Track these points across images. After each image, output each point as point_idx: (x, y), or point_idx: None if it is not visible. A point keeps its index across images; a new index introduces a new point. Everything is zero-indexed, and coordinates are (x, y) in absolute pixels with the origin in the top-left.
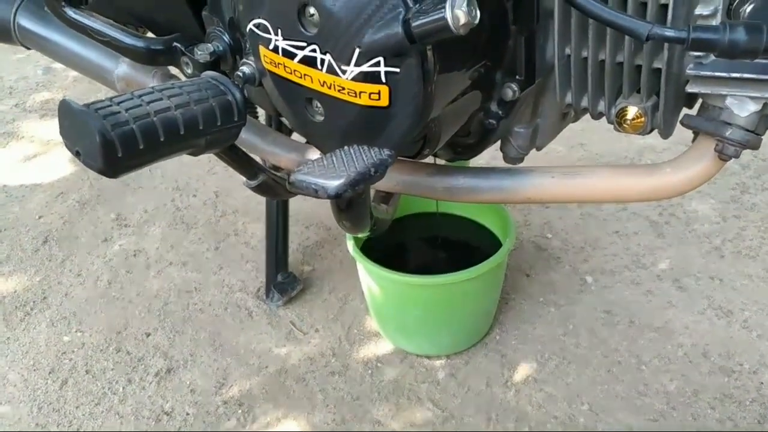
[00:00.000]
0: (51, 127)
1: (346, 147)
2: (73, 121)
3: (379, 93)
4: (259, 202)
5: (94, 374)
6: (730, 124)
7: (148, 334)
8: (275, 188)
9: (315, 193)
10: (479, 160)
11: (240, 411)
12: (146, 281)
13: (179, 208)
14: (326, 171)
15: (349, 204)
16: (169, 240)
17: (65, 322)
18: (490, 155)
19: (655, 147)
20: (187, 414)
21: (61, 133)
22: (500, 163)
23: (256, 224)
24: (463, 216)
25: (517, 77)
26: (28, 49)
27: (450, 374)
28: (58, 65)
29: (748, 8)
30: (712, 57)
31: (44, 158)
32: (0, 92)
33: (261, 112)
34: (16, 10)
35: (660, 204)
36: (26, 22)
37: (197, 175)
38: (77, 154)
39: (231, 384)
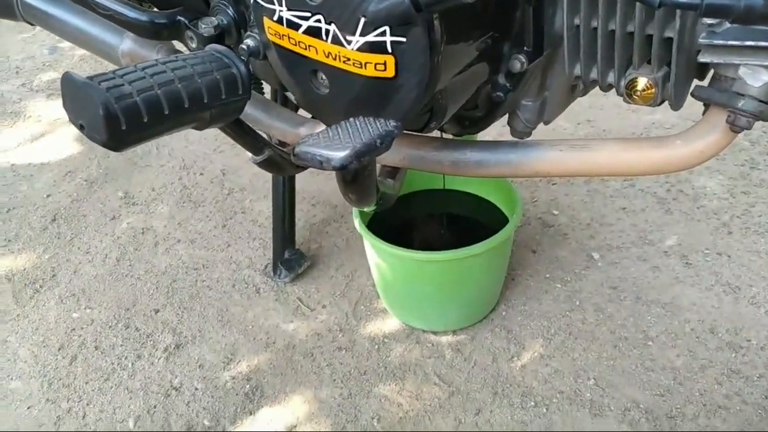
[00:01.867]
0: (58, 107)
1: (351, 119)
2: (76, 94)
3: (384, 63)
4: (266, 179)
5: (103, 350)
6: (742, 95)
7: (157, 311)
8: (281, 164)
9: (320, 164)
10: (486, 135)
11: (248, 386)
12: (154, 258)
13: (186, 186)
14: (331, 142)
15: (355, 176)
16: (176, 218)
17: (74, 299)
18: (498, 131)
19: (663, 123)
20: (196, 389)
21: (65, 106)
22: (508, 138)
23: (263, 202)
24: (470, 192)
25: (525, 48)
26: (32, 25)
27: (456, 350)
28: (64, 44)
29: None
30: (726, 25)
31: (52, 137)
32: (6, 72)
33: (267, 88)
34: None
35: (667, 180)
36: None
37: (204, 154)
38: (81, 127)
39: (239, 359)
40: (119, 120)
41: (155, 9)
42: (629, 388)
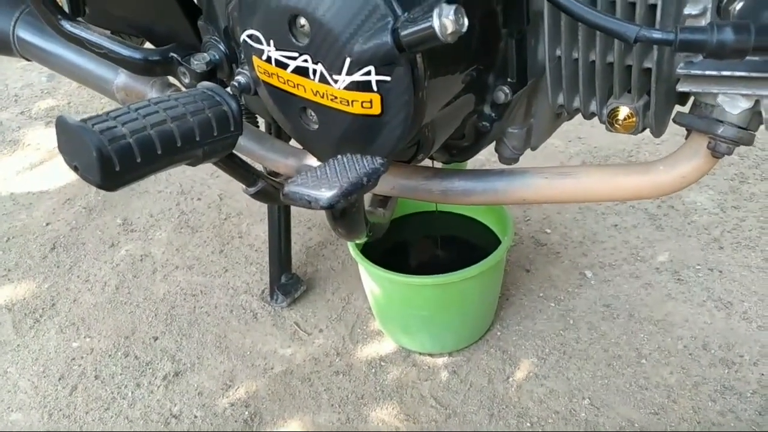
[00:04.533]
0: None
1: (339, 156)
2: (70, 137)
3: (371, 101)
4: (262, 204)
5: (103, 379)
6: (722, 121)
7: (156, 338)
8: (274, 194)
9: (308, 204)
10: (478, 157)
11: (247, 412)
12: (153, 285)
13: (184, 211)
14: (319, 182)
15: (343, 213)
16: (174, 244)
17: (74, 328)
18: (489, 152)
19: (653, 139)
20: (195, 416)
21: (60, 148)
22: (496, 162)
23: (259, 226)
24: (462, 214)
25: (509, 79)
26: (29, 60)
27: (452, 371)
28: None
29: (738, 6)
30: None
31: (50, 165)
32: (5, 100)
33: (261, 119)
34: (15, 23)
35: None
36: (25, 34)
37: (201, 179)
38: (76, 168)
39: (237, 386)
40: (113, 162)
41: (148, 44)
42: (624, 407)
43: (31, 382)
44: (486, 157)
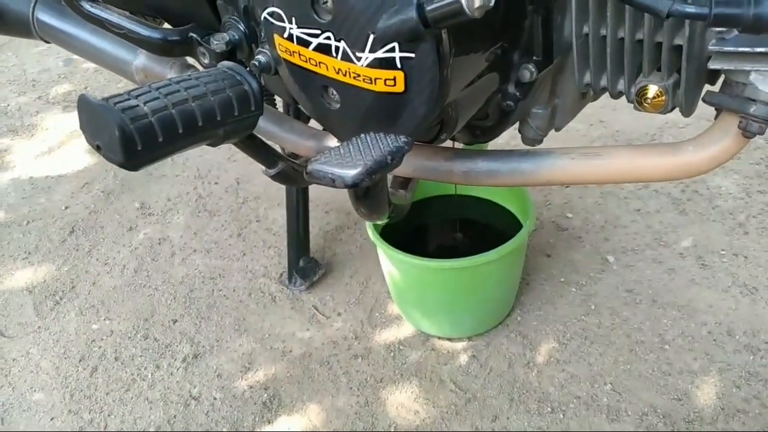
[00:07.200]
0: (74, 119)
1: (362, 135)
2: (92, 116)
3: (394, 79)
4: (280, 188)
5: (123, 361)
6: (754, 100)
7: (175, 321)
8: (294, 176)
9: (332, 182)
10: (498, 140)
11: (265, 395)
12: (171, 269)
13: (202, 195)
14: (343, 160)
15: (366, 192)
16: (192, 227)
17: (94, 311)
18: (510, 135)
19: (677, 122)
20: (215, 399)
21: (81, 127)
22: (519, 144)
23: (277, 210)
24: (483, 197)
25: (535, 58)
26: (48, 43)
27: (472, 356)
28: (78, 56)
29: None
30: (735, 32)
31: (68, 149)
32: (23, 85)
33: (279, 100)
34: (35, 5)
35: (682, 180)
36: (44, 16)
37: (218, 163)
38: (98, 148)
39: (256, 368)
40: (135, 141)
41: (167, 25)
42: (646, 393)
43: (53, 363)
44: (506, 140)
